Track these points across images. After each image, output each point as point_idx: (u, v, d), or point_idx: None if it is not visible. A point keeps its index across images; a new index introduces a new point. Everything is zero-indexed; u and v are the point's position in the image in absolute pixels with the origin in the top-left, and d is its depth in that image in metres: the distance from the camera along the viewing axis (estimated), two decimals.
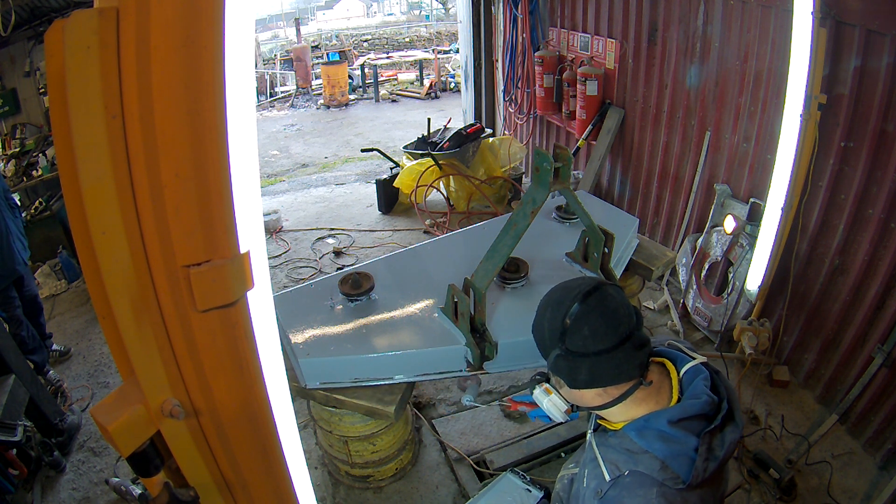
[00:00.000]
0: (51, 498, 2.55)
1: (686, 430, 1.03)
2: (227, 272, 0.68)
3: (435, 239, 2.57)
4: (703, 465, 0.99)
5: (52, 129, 1.01)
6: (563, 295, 1.11)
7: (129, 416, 0.68)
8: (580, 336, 1.05)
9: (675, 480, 1.00)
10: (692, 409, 1.05)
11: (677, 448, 1.02)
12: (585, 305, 1.06)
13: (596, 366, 1.05)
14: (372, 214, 5.28)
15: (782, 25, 2.52)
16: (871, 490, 2.30)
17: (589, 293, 1.07)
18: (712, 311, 3.13)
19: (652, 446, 1.03)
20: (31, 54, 5.43)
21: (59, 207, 4.75)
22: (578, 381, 1.08)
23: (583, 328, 1.05)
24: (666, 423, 1.04)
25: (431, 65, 11.42)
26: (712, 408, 1.05)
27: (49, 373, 3.25)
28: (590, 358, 1.05)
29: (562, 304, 1.09)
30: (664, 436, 1.03)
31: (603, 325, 1.05)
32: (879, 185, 2.30)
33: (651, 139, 3.77)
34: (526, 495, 1.66)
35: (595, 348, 1.04)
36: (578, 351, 1.06)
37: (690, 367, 1.13)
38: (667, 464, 1.01)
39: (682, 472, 1.00)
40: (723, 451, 1.02)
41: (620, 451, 1.08)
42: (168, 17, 0.57)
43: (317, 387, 1.83)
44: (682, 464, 1.01)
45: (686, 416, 1.04)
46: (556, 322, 1.08)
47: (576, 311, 1.06)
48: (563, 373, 1.10)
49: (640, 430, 1.06)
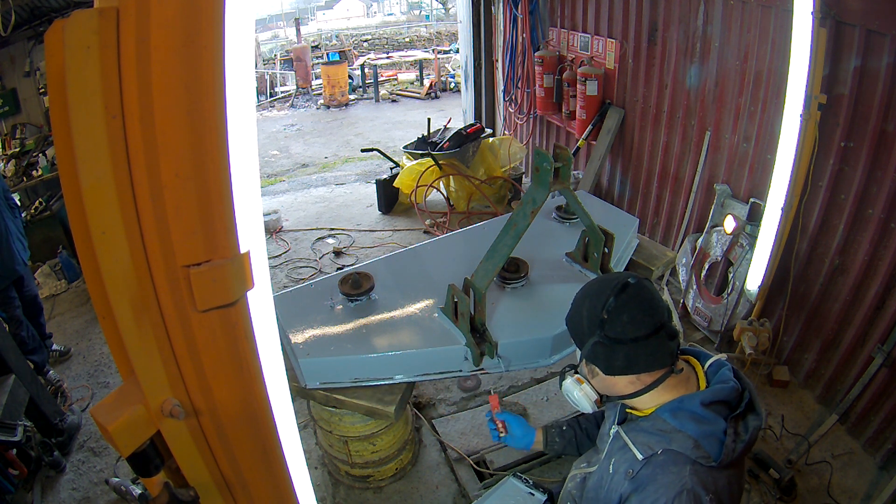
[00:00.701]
0: (51, 498, 2.55)
1: (716, 412, 1.09)
2: (227, 272, 0.68)
3: (435, 239, 2.57)
4: (732, 446, 1.06)
5: (52, 129, 1.01)
6: (602, 286, 1.16)
7: (129, 416, 0.68)
8: (619, 323, 1.10)
9: (706, 459, 1.05)
10: (721, 393, 1.11)
11: (709, 428, 1.07)
12: (625, 295, 1.11)
13: (632, 352, 1.11)
14: (372, 214, 5.28)
15: (782, 25, 2.52)
16: (871, 490, 2.30)
17: (627, 284, 1.13)
18: (712, 311, 3.13)
19: (685, 426, 1.09)
20: (31, 54, 5.43)
21: (59, 207, 4.75)
22: (615, 367, 1.13)
23: (622, 315, 1.10)
24: (699, 404, 1.10)
25: (431, 65, 11.42)
26: (736, 395, 1.12)
27: (49, 373, 3.25)
28: (627, 345, 1.10)
29: (601, 294, 1.14)
30: (697, 417, 1.09)
31: (640, 313, 1.10)
32: (879, 185, 2.30)
33: (651, 139, 3.77)
34: (529, 499, 1.66)
35: (633, 335, 1.10)
36: (617, 337, 1.11)
37: (714, 361, 1.20)
38: (700, 443, 1.07)
39: (713, 451, 1.06)
40: (747, 434, 1.08)
41: (653, 433, 1.13)
42: (168, 17, 0.57)
43: (317, 387, 1.83)
44: (713, 444, 1.06)
45: (716, 400, 1.11)
46: (595, 311, 1.13)
47: (615, 301, 1.11)
48: (599, 359, 1.15)
49: (674, 411, 1.12)
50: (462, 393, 2.93)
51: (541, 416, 2.74)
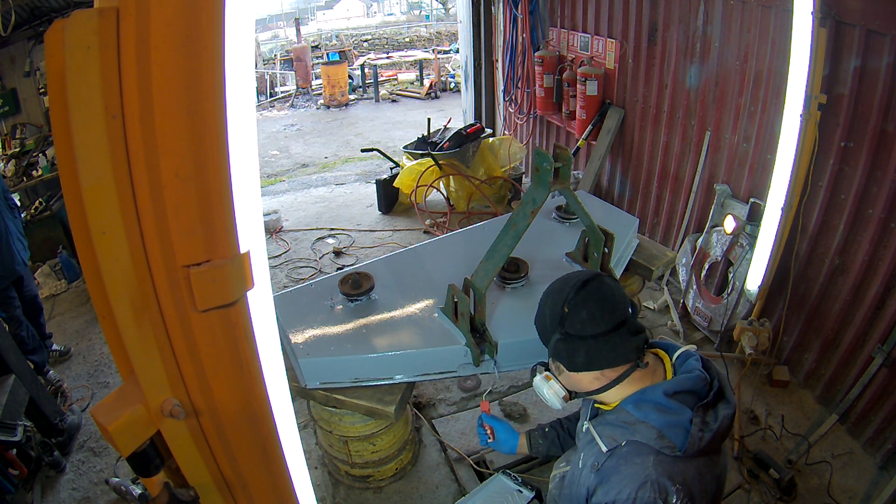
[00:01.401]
0: (51, 498, 2.55)
1: (681, 402, 1.09)
2: (227, 272, 0.68)
3: (435, 239, 2.57)
4: (698, 435, 1.04)
5: (52, 129, 1.01)
6: (563, 284, 1.18)
7: (129, 416, 0.68)
8: (578, 319, 1.12)
9: (671, 449, 1.05)
10: (686, 382, 1.11)
11: (673, 418, 1.07)
12: (584, 291, 1.13)
13: (593, 348, 1.11)
14: (372, 214, 5.28)
15: (782, 25, 2.52)
16: (871, 490, 2.30)
17: (587, 281, 1.15)
18: (712, 311, 3.13)
19: (648, 416, 1.09)
20: (31, 54, 5.42)
21: (59, 207, 4.75)
22: (577, 363, 1.14)
23: (581, 312, 1.12)
24: (662, 394, 1.10)
25: (431, 65, 11.42)
26: (704, 385, 1.12)
27: (49, 373, 3.25)
28: (587, 341, 1.11)
29: (562, 291, 1.16)
30: (660, 406, 1.09)
31: (599, 310, 1.11)
32: (879, 185, 2.30)
33: (651, 139, 3.77)
34: (517, 496, 1.67)
35: (592, 331, 1.11)
36: (577, 334, 1.12)
37: (682, 352, 1.21)
38: (663, 433, 1.06)
39: (678, 441, 1.05)
40: (716, 423, 1.07)
41: (617, 425, 1.13)
42: (168, 17, 0.57)
43: (317, 387, 1.83)
44: (678, 433, 1.06)
45: (681, 390, 1.10)
46: (556, 308, 1.15)
47: (574, 297, 1.13)
48: (562, 356, 1.16)
49: (637, 402, 1.12)
50: (462, 393, 2.93)
51: (541, 416, 2.74)
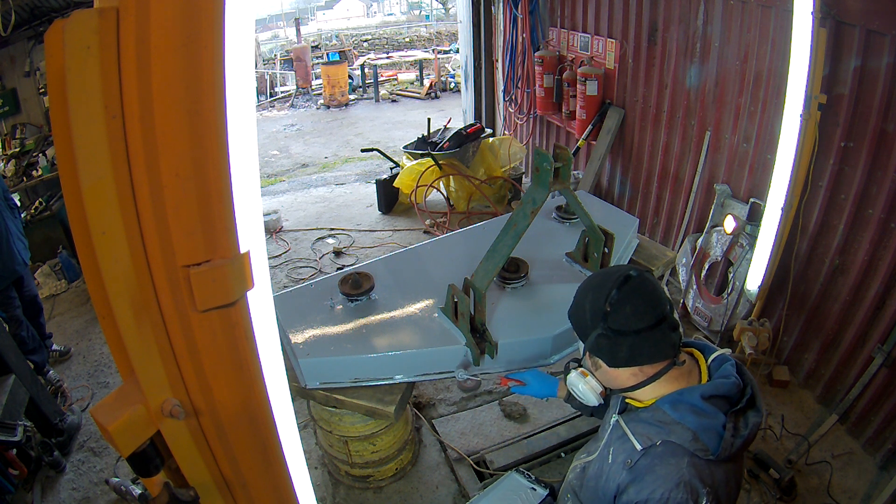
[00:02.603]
0: (51, 498, 2.55)
1: (716, 406, 1.09)
2: (227, 272, 0.68)
3: (435, 239, 2.57)
4: (730, 441, 1.05)
5: (52, 129, 1.01)
6: (605, 279, 1.16)
7: (129, 416, 0.68)
8: (623, 315, 1.11)
9: (705, 452, 1.06)
10: (722, 387, 1.11)
11: (708, 422, 1.08)
12: (628, 287, 1.12)
13: (636, 344, 1.11)
14: (372, 214, 5.28)
15: (782, 25, 2.52)
16: (871, 490, 2.30)
17: (629, 276, 1.13)
18: (712, 311, 3.13)
19: (685, 418, 1.09)
20: (31, 54, 5.42)
21: (59, 207, 4.75)
22: (619, 358, 1.13)
23: (625, 307, 1.11)
24: (699, 397, 1.10)
25: (431, 65, 11.42)
26: (738, 391, 1.12)
27: (49, 373, 3.25)
28: (630, 336, 1.11)
29: (603, 286, 1.14)
30: (696, 409, 1.09)
31: (643, 305, 1.11)
32: (879, 185, 2.30)
33: (651, 139, 3.77)
34: (531, 494, 1.67)
35: (636, 326, 1.10)
36: (620, 329, 1.11)
37: (718, 355, 1.20)
38: (698, 436, 1.07)
39: (712, 444, 1.06)
40: (746, 430, 1.08)
41: (652, 424, 1.13)
42: (168, 17, 0.57)
43: (317, 387, 1.83)
44: (712, 437, 1.07)
45: (717, 394, 1.11)
46: (598, 303, 1.13)
47: (617, 293, 1.11)
48: (603, 351, 1.15)
49: (674, 402, 1.12)
50: (462, 393, 2.93)
51: (541, 416, 2.74)
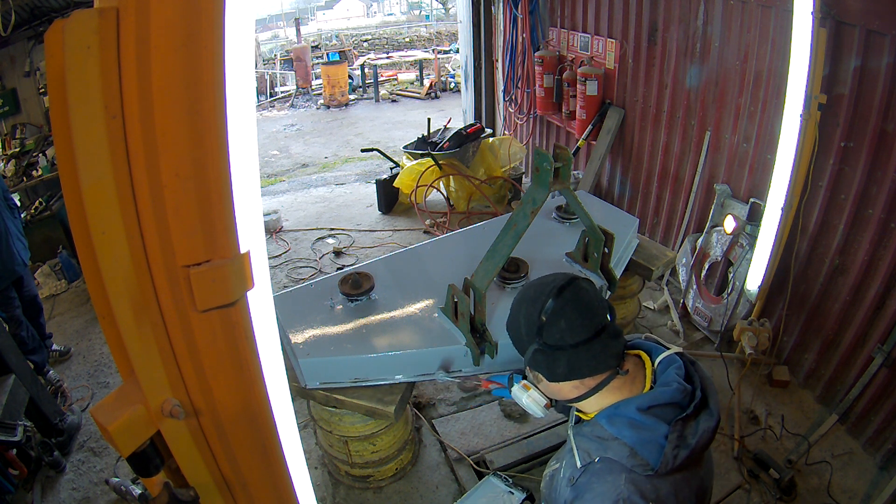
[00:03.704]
0: (51, 498, 2.55)
1: (656, 417, 1.04)
2: (227, 272, 0.68)
3: (435, 239, 2.57)
4: (672, 453, 1.00)
5: (52, 129, 1.01)
6: (538, 291, 1.13)
7: (129, 416, 0.68)
8: (557, 329, 1.08)
9: (644, 467, 1.01)
10: (662, 396, 1.06)
11: (647, 435, 1.03)
12: (561, 300, 1.08)
13: (574, 358, 1.08)
14: (372, 214, 5.28)
15: (782, 25, 2.52)
16: (871, 490, 2.30)
17: (563, 288, 1.09)
18: (712, 311, 3.13)
19: (621, 433, 1.05)
20: (31, 54, 5.42)
21: (59, 207, 4.75)
22: (557, 373, 1.10)
23: (559, 321, 1.07)
24: (635, 409, 1.05)
25: (431, 65, 11.42)
26: (684, 396, 1.06)
27: (49, 373, 3.25)
28: (567, 350, 1.08)
29: (537, 300, 1.11)
30: (633, 423, 1.05)
31: (578, 318, 1.07)
32: (879, 185, 2.30)
33: (651, 139, 3.77)
34: (508, 498, 1.66)
35: (572, 340, 1.07)
36: (556, 344, 1.08)
37: (664, 358, 1.14)
38: (636, 450, 1.02)
39: (652, 458, 1.01)
40: (695, 438, 1.02)
41: (592, 439, 1.10)
42: (168, 17, 0.57)
43: (317, 387, 1.83)
44: (652, 451, 1.02)
45: (656, 404, 1.05)
46: (532, 318, 1.10)
47: (551, 306, 1.08)
48: (541, 367, 1.12)
49: (610, 417, 1.08)
50: (462, 393, 2.93)
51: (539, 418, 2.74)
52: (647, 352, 1.19)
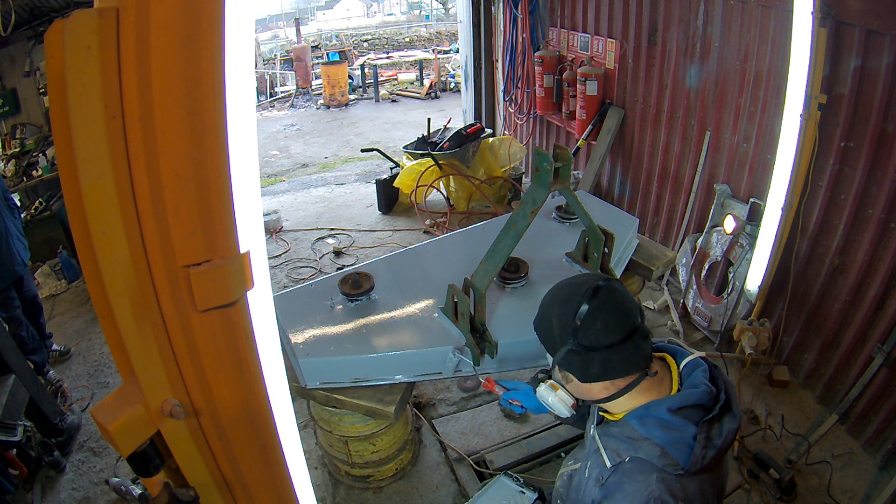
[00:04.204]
0: (51, 498, 2.55)
1: (685, 418, 1.06)
2: (227, 272, 0.68)
3: (435, 239, 2.58)
4: (701, 453, 1.03)
5: (52, 129, 1.01)
6: (572, 292, 1.13)
7: (129, 416, 0.68)
8: (593, 330, 1.08)
9: (674, 466, 1.03)
10: (691, 398, 1.08)
11: (677, 435, 1.05)
12: (596, 300, 1.08)
13: (608, 359, 1.08)
14: (372, 214, 5.28)
15: (782, 25, 2.52)
16: (871, 490, 2.30)
17: (598, 288, 1.10)
18: (712, 311, 3.13)
19: (652, 433, 1.06)
20: (31, 54, 5.42)
21: (59, 207, 4.75)
22: (591, 374, 1.11)
23: (595, 322, 1.08)
24: (666, 410, 1.07)
25: (431, 65, 11.42)
26: (711, 398, 1.09)
27: (49, 373, 3.25)
28: (602, 351, 1.08)
29: (571, 301, 1.11)
30: (664, 423, 1.06)
31: (614, 318, 1.08)
32: (879, 185, 2.30)
33: (651, 139, 3.77)
34: (520, 497, 1.66)
35: (607, 341, 1.07)
36: (591, 345, 1.08)
37: (690, 361, 1.17)
38: (666, 450, 1.04)
39: (682, 458, 1.03)
40: (721, 439, 1.05)
41: (621, 439, 1.11)
42: (168, 17, 0.57)
43: (317, 387, 1.83)
44: (682, 451, 1.04)
45: (685, 405, 1.07)
46: (566, 319, 1.10)
47: (587, 308, 1.08)
48: (574, 367, 1.12)
49: (641, 417, 1.09)
50: (462, 393, 2.93)
51: (540, 418, 2.74)
52: (672, 354, 1.21)
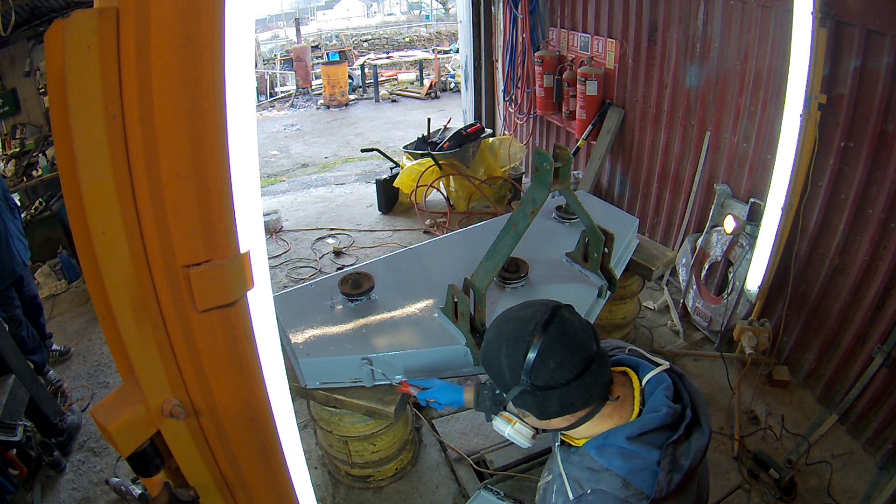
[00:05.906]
0: (51, 498, 2.55)
1: (647, 444, 1.00)
2: (227, 272, 0.68)
3: (435, 239, 2.58)
4: (666, 479, 0.97)
5: (52, 129, 1.01)
6: (518, 329, 1.02)
7: (129, 416, 0.68)
8: (546, 370, 0.98)
9: (638, 496, 0.97)
10: (651, 423, 1.01)
11: (638, 463, 0.99)
12: (546, 337, 0.98)
13: (565, 395, 1.00)
14: (372, 214, 5.28)
15: (782, 25, 2.52)
16: (871, 490, 2.30)
17: (547, 323, 1.00)
18: (712, 311, 3.13)
19: (612, 464, 1.00)
20: (31, 54, 5.42)
21: (59, 207, 4.75)
22: (548, 412, 1.02)
23: (548, 362, 0.98)
24: (625, 439, 1.01)
25: (431, 65, 11.42)
26: (675, 418, 1.02)
27: (49, 373, 3.25)
28: (559, 389, 1.00)
29: (519, 339, 1.01)
30: (624, 452, 1.00)
31: (568, 355, 0.99)
32: (879, 185, 2.30)
33: (651, 139, 3.77)
34: None
35: (563, 379, 0.99)
36: (546, 385, 0.99)
37: (652, 377, 1.09)
38: (629, 480, 0.98)
39: (646, 487, 0.97)
40: (688, 460, 0.99)
41: (582, 469, 1.05)
42: (168, 16, 0.57)
43: (317, 387, 1.83)
44: (645, 479, 0.98)
45: (646, 430, 1.01)
46: (516, 359, 1.00)
47: (538, 346, 0.98)
48: (530, 406, 1.04)
49: (600, 447, 1.03)
50: None
51: None
52: (634, 368, 1.13)
